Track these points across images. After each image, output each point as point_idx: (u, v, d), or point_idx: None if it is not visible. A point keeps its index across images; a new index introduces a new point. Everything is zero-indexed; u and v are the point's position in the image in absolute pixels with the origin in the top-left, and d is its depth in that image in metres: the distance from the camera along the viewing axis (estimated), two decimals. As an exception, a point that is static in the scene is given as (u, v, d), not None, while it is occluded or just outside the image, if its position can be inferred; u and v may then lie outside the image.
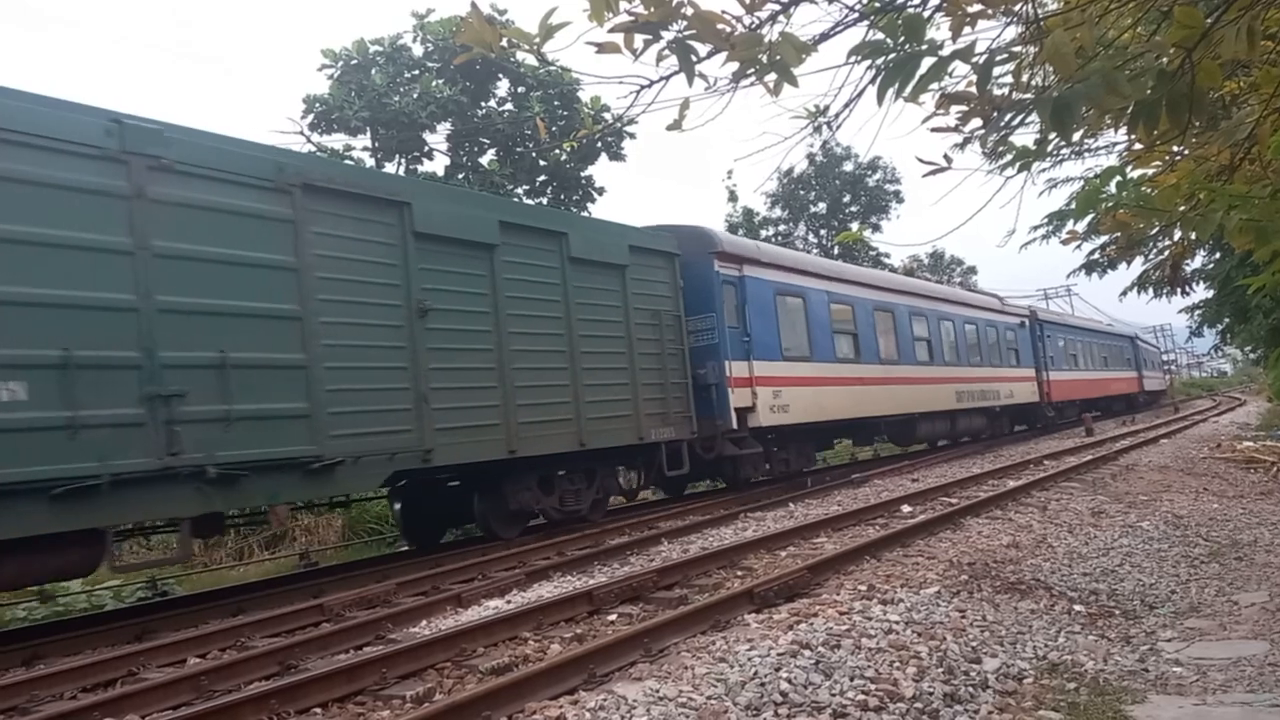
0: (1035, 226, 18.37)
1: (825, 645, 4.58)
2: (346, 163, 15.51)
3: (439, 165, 18.81)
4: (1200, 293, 17.90)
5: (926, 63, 2.59)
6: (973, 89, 2.90)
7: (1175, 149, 4.10)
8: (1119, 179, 3.69)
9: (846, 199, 36.08)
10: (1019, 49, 3.10)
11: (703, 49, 2.58)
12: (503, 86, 18.80)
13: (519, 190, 18.90)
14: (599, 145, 18.70)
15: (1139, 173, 4.41)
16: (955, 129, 3.20)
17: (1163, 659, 4.87)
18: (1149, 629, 5.56)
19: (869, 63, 2.67)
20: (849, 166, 35.43)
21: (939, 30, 2.78)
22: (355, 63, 17.32)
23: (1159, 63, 2.89)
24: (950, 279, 40.16)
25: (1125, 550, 7.71)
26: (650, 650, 4.77)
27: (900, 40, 2.56)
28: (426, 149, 18.41)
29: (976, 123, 3.15)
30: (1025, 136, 3.48)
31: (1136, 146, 4.25)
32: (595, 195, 19.82)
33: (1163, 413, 33.04)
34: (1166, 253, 7.66)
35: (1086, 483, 11.75)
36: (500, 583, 7.25)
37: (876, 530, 8.61)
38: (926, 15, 2.69)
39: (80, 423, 5.97)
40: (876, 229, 34.91)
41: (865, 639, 4.74)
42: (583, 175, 19.68)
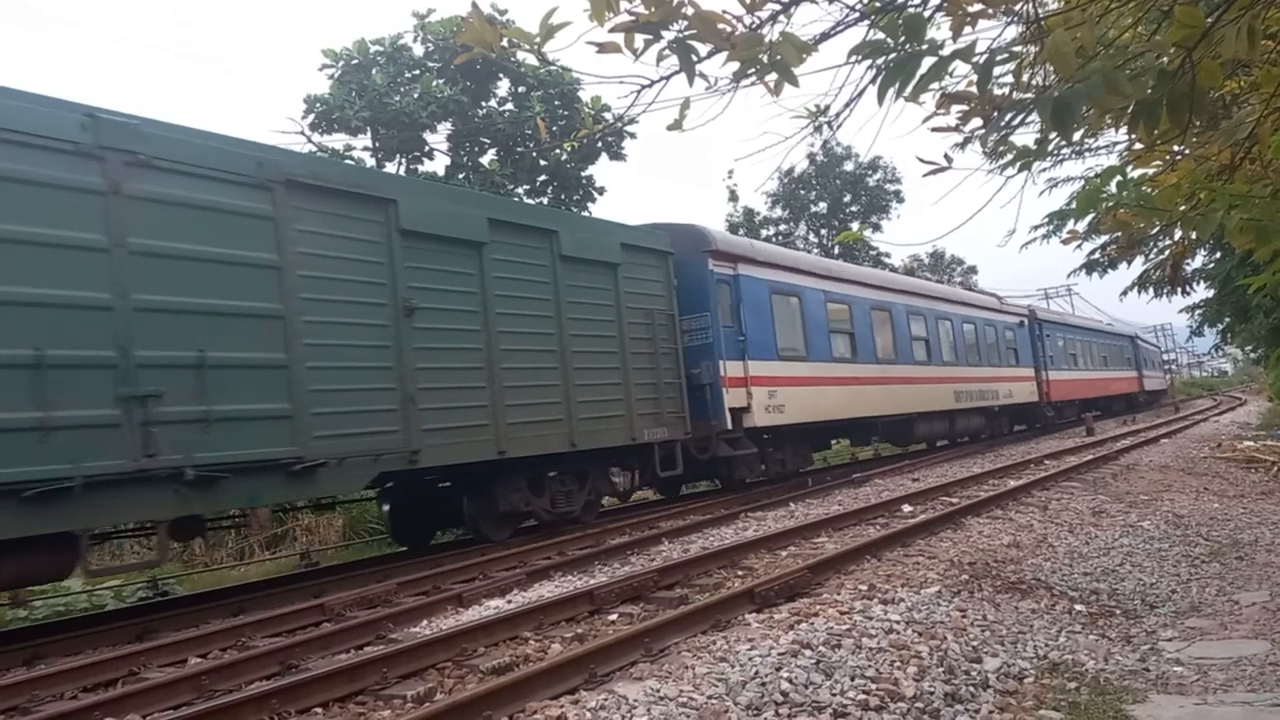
0: (1036, 226, 18.31)
1: (826, 645, 4.59)
2: (330, 159, 15.41)
3: (439, 165, 18.86)
4: (1201, 292, 17.90)
5: (927, 62, 2.59)
6: (973, 89, 2.91)
7: (1176, 149, 4.10)
8: (1119, 179, 3.69)
9: (847, 199, 36.13)
10: (1019, 49, 3.10)
11: (703, 49, 2.58)
12: (503, 86, 18.83)
13: (519, 190, 18.91)
14: (599, 145, 18.70)
15: (1139, 172, 4.42)
16: (955, 129, 3.21)
17: (1163, 658, 4.87)
18: (1150, 628, 5.56)
19: (869, 62, 2.68)
20: (849, 166, 35.50)
21: (939, 30, 2.79)
22: (356, 63, 17.33)
23: (1159, 62, 2.89)
24: (951, 278, 40.16)
25: (1126, 550, 7.71)
26: (651, 650, 4.77)
27: (901, 40, 2.56)
28: (427, 149, 18.44)
29: (977, 122, 3.15)
30: (1026, 136, 3.49)
31: (1137, 146, 4.25)
32: (596, 195, 19.87)
33: (1163, 412, 33.03)
34: (1167, 252, 7.65)
35: (1087, 482, 11.75)
36: (501, 582, 7.26)
37: (877, 530, 8.61)
38: (927, 15, 2.69)
39: (52, 424, 5.83)
40: (877, 229, 35.00)
41: (866, 638, 4.74)
42: (583, 175, 19.71)
